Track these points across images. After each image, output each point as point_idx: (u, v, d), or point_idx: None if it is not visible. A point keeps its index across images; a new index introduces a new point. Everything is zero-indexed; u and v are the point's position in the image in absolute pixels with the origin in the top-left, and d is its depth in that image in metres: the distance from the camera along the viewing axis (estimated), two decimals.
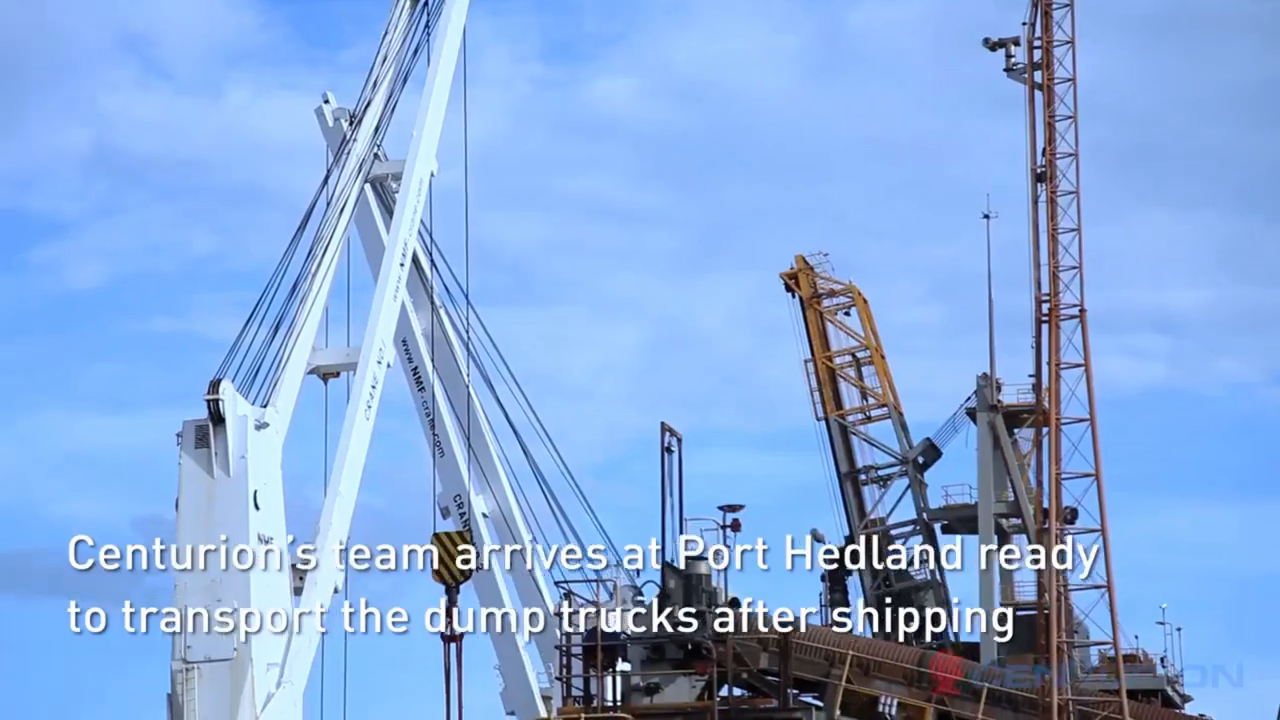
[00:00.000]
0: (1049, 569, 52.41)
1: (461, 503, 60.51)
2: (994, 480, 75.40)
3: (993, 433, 75.05)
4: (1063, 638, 52.01)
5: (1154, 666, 70.18)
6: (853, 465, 79.15)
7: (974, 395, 76.24)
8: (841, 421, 79.25)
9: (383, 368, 52.88)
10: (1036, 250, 53.95)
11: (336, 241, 53.21)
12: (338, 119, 59.90)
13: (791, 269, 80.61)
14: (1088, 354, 53.58)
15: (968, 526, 76.84)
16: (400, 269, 54.51)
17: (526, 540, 61.13)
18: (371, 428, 52.23)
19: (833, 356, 79.77)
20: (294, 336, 51.55)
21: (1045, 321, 53.90)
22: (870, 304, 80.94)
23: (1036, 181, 54.30)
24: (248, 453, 48.86)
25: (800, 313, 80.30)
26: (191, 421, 49.16)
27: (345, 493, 51.01)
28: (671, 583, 52.61)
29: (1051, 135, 54.27)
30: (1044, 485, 53.62)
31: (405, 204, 55.22)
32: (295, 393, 51.61)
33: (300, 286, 52.26)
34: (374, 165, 56.96)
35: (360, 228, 58.58)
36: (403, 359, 59.75)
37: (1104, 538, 52.99)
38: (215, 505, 48.40)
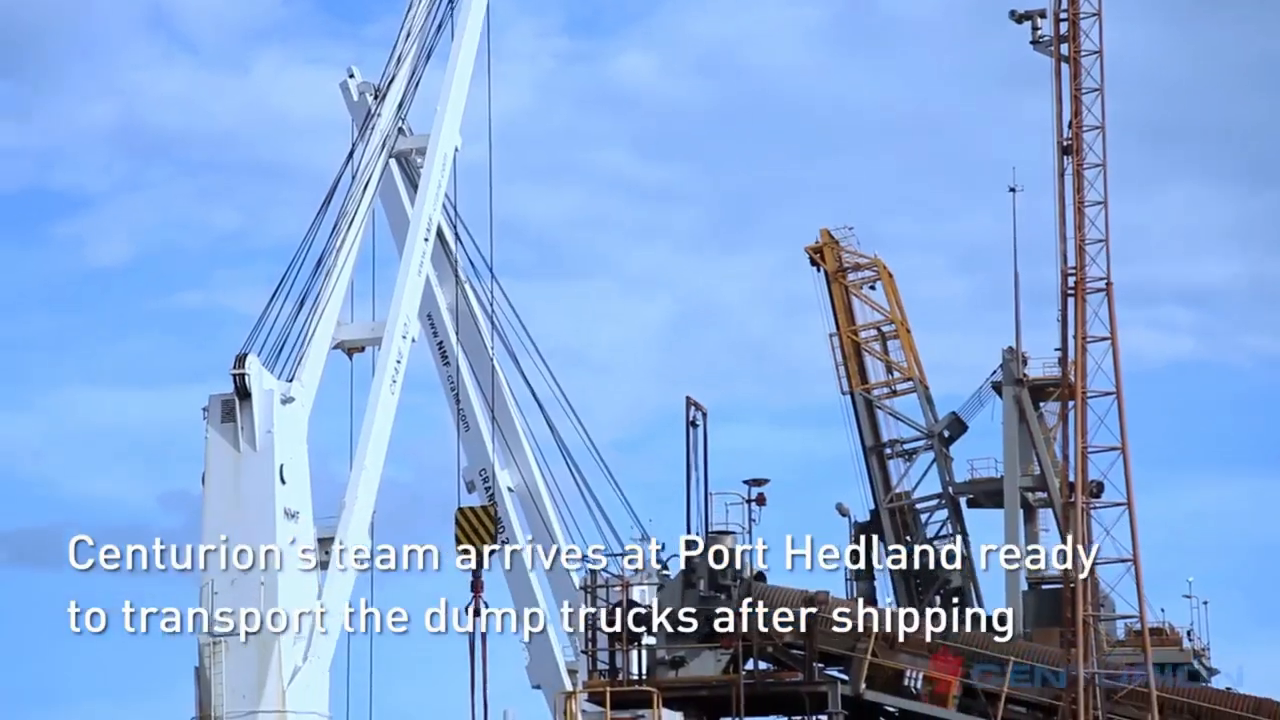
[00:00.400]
0: (1074, 543, 52.29)
1: (487, 477, 60.60)
2: (1019, 454, 75.26)
3: (1018, 406, 74.89)
4: (1088, 612, 51.88)
5: (1180, 640, 70.07)
6: (878, 439, 79.05)
7: (1000, 369, 76.07)
8: (867, 396, 79.13)
9: (407, 342, 52.96)
10: (1063, 224, 53.75)
11: (361, 217, 53.28)
12: (362, 93, 59.95)
13: (816, 243, 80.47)
14: (1114, 327, 53.40)
15: (993, 500, 76.72)
16: (424, 244, 54.57)
17: (552, 514, 61.24)
18: (396, 402, 52.33)
19: (858, 330, 79.63)
20: (319, 311, 51.66)
21: (1071, 295, 53.69)
22: (895, 278, 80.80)
23: (1063, 154, 54.06)
24: (274, 427, 49.02)
25: (825, 287, 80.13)
26: (218, 396, 49.32)
27: (371, 467, 51.14)
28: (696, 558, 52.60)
29: (1078, 108, 54.01)
30: (1070, 459, 53.47)
31: (429, 179, 55.28)
32: (320, 367, 51.75)
33: (325, 262, 52.37)
34: (398, 140, 56.99)
35: (385, 202, 58.65)
36: (428, 333, 59.81)
37: (1130, 511, 52.83)
38: (242, 480, 48.56)
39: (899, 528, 77.64)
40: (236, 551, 47.76)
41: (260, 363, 49.74)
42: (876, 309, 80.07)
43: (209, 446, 49.06)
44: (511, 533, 60.67)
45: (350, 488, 50.77)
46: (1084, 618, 51.59)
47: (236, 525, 48.26)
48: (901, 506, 78.00)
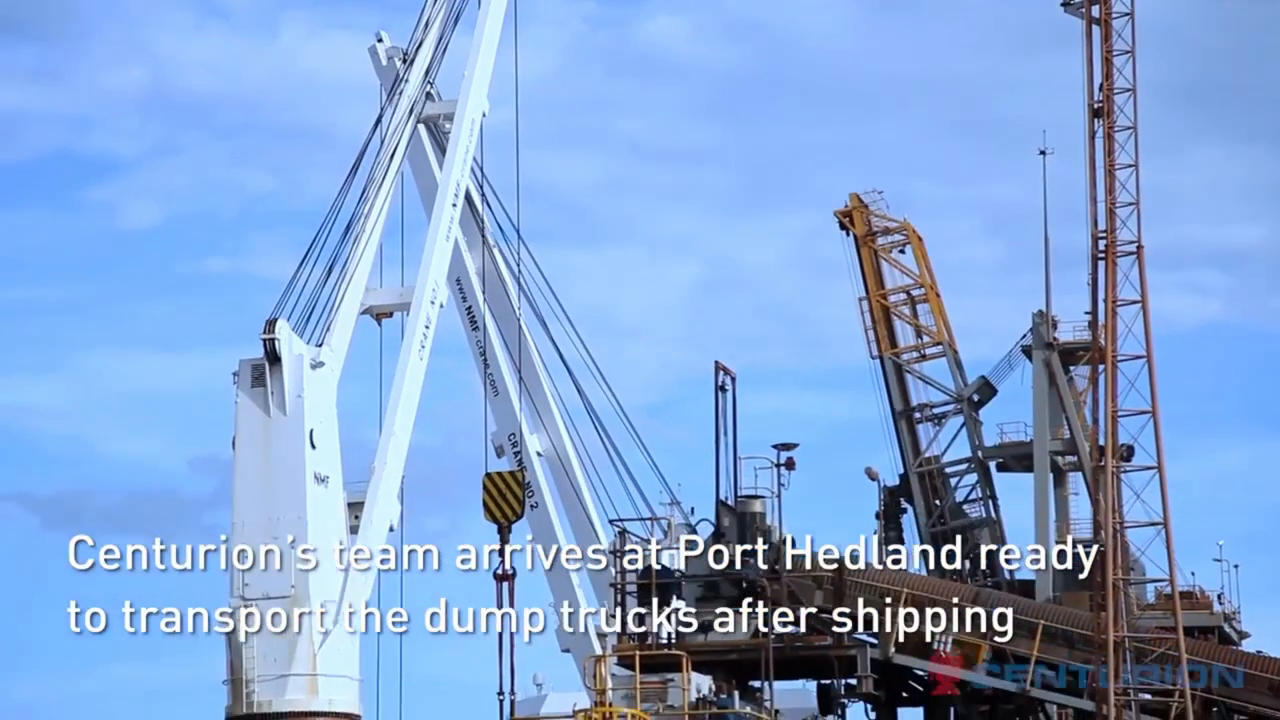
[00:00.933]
0: (1105, 506, 52.20)
1: (516, 442, 60.66)
2: (1049, 418, 75.07)
3: (1048, 370, 74.68)
4: (1119, 575, 51.83)
5: (1210, 603, 69.97)
6: (907, 403, 78.93)
7: (1030, 333, 75.85)
8: (896, 360, 79.01)
9: (436, 308, 53.01)
10: (1093, 186, 53.50)
11: (389, 182, 53.31)
12: (391, 58, 59.91)
13: (846, 207, 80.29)
14: (1145, 290, 53.20)
15: (1023, 464, 76.57)
16: (452, 209, 54.58)
17: (581, 479, 61.30)
18: (425, 367, 52.40)
19: (887, 294, 79.47)
20: (348, 277, 51.74)
21: (1102, 258, 53.49)
22: (925, 241, 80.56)
23: (1094, 117, 53.82)
24: (304, 392, 49.12)
25: (855, 251, 79.96)
26: (248, 361, 49.44)
27: (400, 432, 51.23)
28: (726, 521, 52.70)
29: (1109, 70, 53.75)
30: (1100, 423, 53.35)
31: (457, 145, 55.27)
32: (349, 332, 51.84)
33: (354, 227, 52.42)
34: (426, 105, 56.98)
35: (414, 167, 58.67)
36: (456, 298, 59.85)
37: (1160, 475, 52.71)
38: (272, 444, 48.68)
39: (928, 492, 77.59)
40: (266, 520, 47.90)
41: (290, 327, 49.85)
42: (906, 273, 79.90)
43: (239, 411, 49.18)
44: (540, 497, 60.80)
45: (379, 452, 50.88)
46: (1114, 581, 51.53)
47: (266, 490, 48.40)
48: (931, 471, 77.90)
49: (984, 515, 77.25)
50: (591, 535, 60.70)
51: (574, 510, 61.20)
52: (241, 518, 48.49)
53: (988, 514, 77.30)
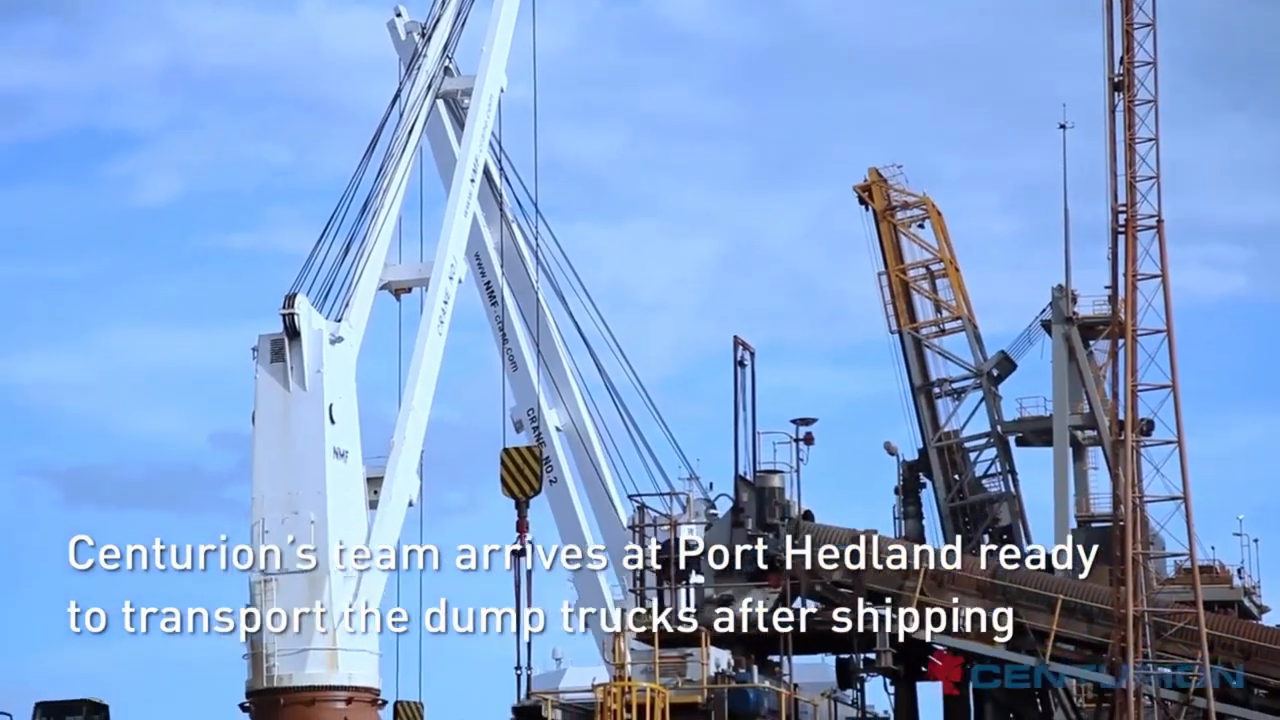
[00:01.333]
0: (1125, 481, 52.09)
1: (535, 417, 60.71)
2: (1069, 392, 74.93)
3: (1068, 345, 74.51)
4: (1138, 550, 51.74)
5: (1231, 578, 69.87)
6: (926, 378, 78.82)
7: (1049, 307, 75.67)
8: (915, 334, 78.88)
9: (454, 283, 53.08)
10: (1113, 160, 53.25)
11: (407, 158, 53.36)
12: (410, 32, 59.90)
13: (865, 181, 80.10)
14: (1165, 265, 52.97)
15: (1042, 439, 76.46)
16: (471, 185, 54.64)
17: (600, 454, 61.36)
18: (444, 342, 52.48)
19: (906, 269, 79.30)
20: (366, 252, 51.81)
21: (1122, 232, 53.27)
22: (944, 216, 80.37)
23: (1114, 90, 53.56)
24: (323, 367, 49.22)
25: (874, 225, 79.75)
26: (267, 336, 49.57)
27: (419, 407, 51.34)
28: (744, 496, 52.68)
29: (1130, 43, 53.48)
30: (1120, 397, 53.20)
31: (475, 120, 55.30)
32: (368, 307, 51.95)
33: (372, 202, 52.48)
34: (445, 81, 57.01)
35: (433, 142, 58.70)
36: (475, 273, 59.88)
37: (1181, 449, 52.53)
38: (291, 419, 48.81)
39: (947, 467, 77.49)
40: (286, 495, 47.95)
41: (309, 303, 49.93)
42: (925, 247, 79.71)
43: (258, 386, 49.31)
44: (559, 472, 60.86)
45: (398, 427, 50.99)
46: (1133, 556, 51.45)
47: (286, 464, 48.50)
48: (950, 445, 77.81)
49: (1003, 490, 77.16)
50: (610, 510, 60.80)
51: (593, 485, 61.27)
52: (261, 492, 48.63)
53: (1007, 489, 77.20)
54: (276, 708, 47.67)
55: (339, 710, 47.80)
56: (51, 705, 53.25)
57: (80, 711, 52.98)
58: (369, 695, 48.81)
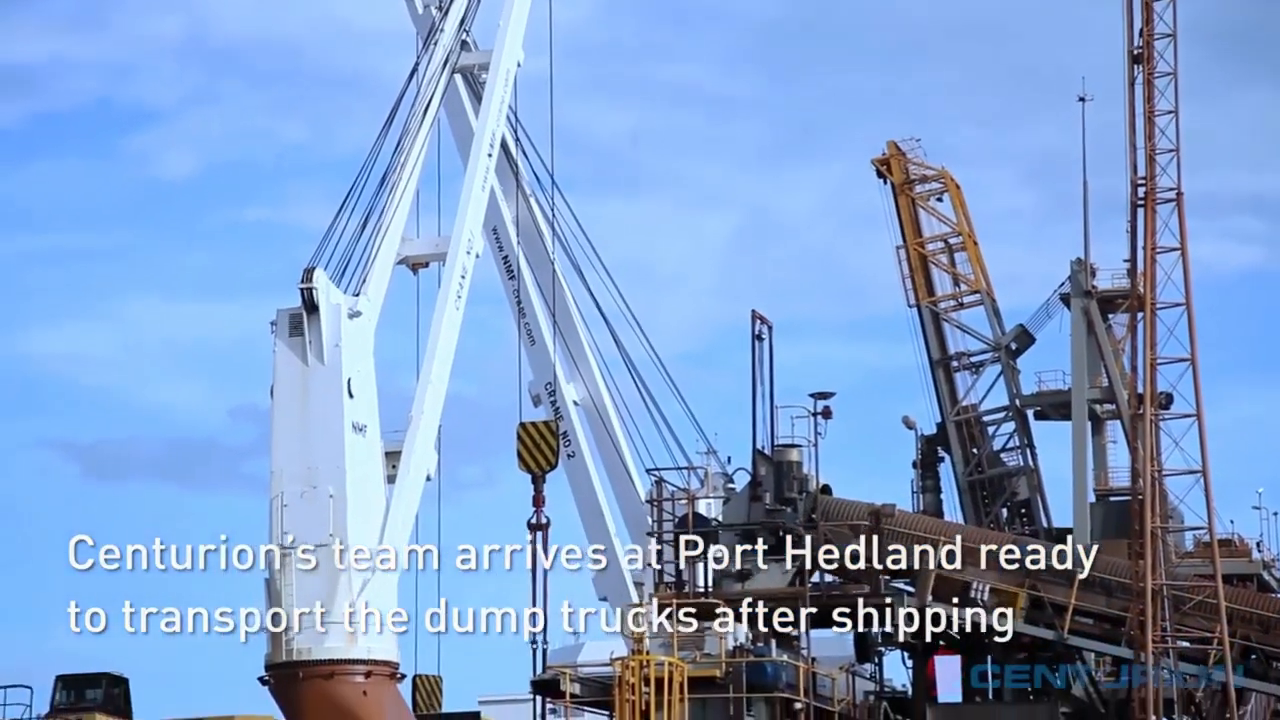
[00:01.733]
0: (1144, 455, 52.03)
1: (552, 391, 60.71)
2: (1088, 366, 74.76)
3: (1087, 318, 74.33)
4: (1157, 523, 51.69)
5: (1249, 551, 69.75)
6: (944, 352, 78.70)
7: (1068, 280, 75.46)
8: (933, 308, 78.74)
9: (472, 258, 53.07)
10: (1133, 133, 53.13)
11: (424, 132, 53.31)
12: (427, 6, 59.80)
13: (883, 155, 79.88)
14: (1184, 238, 52.87)
15: (1061, 413, 76.31)
16: (488, 159, 54.59)
17: (618, 428, 61.36)
18: (462, 317, 52.48)
19: (924, 243, 79.13)
20: (384, 226, 51.79)
21: (1141, 205, 53.16)
22: (963, 189, 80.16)
23: (1133, 63, 53.40)
24: (341, 341, 49.25)
25: (892, 199, 79.57)
26: (286, 310, 49.59)
27: (437, 381, 51.35)
28: (762, 470, 52.68)
29: (1149, 15, 53.30)
30: (1139, 370, 53.11)
31: (492, 95, 55.23)
32: (386, 282, 51.94)
33: (390, 177, 52.45)
34: (462, 55, 56.92)
35: (450, 117, 58.64)
36: (493, 247, 59.85)
37: (1199, 422, 52.48)
38: (309, 393, 48.85)
39: (965, 441, 77.40)
40: (305, 469, 47.99)
41: (327, 277, 49.95)
42: (943, 221, 79.54)
43: (277, 360, 49.34)
44: (577, 446, 60.86)
45: (416, 402, 51.02)
46: (1152, 529, 51.40)
47: (304, 438, 48.55)
48: (968, 419, 77.72)
49: (1021, 464, 77.07)
50: (628, 484, 60.80)
51: (611, 460, 61.28)
52: (280, 466, 48.69)
53: (1025, 462, 77.10)
54: (295, 681, 47.77)
55: (358, 684, 47.87)
56: (71, 679, 53.43)
57: (100, 684, 53.16)
58: (388, 669, 48.89)
